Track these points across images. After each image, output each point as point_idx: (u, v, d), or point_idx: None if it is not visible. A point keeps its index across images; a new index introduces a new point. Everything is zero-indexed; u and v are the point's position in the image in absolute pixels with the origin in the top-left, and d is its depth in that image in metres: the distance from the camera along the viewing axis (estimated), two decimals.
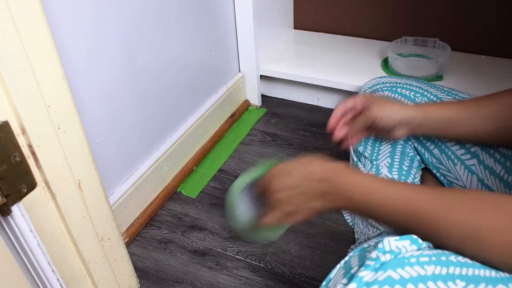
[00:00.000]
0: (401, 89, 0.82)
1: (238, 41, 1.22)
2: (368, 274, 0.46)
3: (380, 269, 0.46)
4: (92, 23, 0.74)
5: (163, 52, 0.94)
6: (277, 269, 0.84)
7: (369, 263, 0.47)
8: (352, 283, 0.45)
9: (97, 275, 0.69)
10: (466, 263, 0.46)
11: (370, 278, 0.45)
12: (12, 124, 0.48)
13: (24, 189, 0.50)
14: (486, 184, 0.71)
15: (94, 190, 0.64)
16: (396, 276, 0.45)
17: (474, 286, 0.44)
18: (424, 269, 0.45)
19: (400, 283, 0.44)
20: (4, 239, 0.51)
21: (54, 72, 0.53)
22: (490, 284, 0.44)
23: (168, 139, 1.02)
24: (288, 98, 1.36)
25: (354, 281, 0.45)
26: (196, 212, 0.98)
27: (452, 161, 0.76)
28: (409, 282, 0.44)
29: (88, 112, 0.77)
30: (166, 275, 0.85)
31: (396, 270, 0.45)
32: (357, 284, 0.45)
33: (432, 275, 0.45)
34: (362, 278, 0.45)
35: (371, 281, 0.45)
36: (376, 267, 0.46)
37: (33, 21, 0.49)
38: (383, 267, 0.46)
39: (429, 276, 0.45)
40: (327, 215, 0.94)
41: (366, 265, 0.47)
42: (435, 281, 0.44)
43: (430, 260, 0.46)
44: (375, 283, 0.44)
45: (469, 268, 0.46)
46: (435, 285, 0.44)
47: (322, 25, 1.44)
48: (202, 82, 1.11)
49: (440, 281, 0.44)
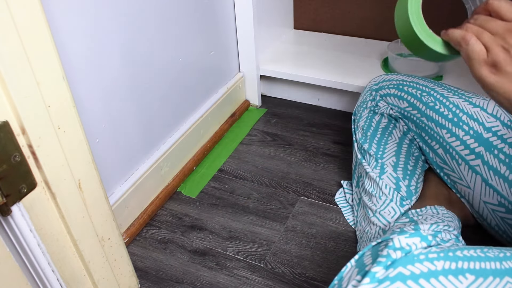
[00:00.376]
0: (407, 87, 0.82)
1: (238, 41, 1.22)
2: (380, 270, 0.46)
3: (391, 267, 0.47)
4: (92, 23, 0.74)
5: (163, 52, 0.94)
6: (277, 269, 0.84)
7: (380, 260, 0.48)
8: (365, 278, 0.46)
9: (97, 275, 0.69)
10: (472, 257, 0.47)
11: (382, 275, 0.46)
12: (12, 124, 0.48)
13: (24, 189, 0.50)
14: (491, 184, 0.72)
15: (94, 190, 0.64)
16: (407, 272, 0.46)
17: (483, 279, 0.45)
18: (434, 265, 0.46)
19: (412, 279, 0.45)
20: (4, 239, 0.51)
21: (54, 72, 0.53)
22: (497, 277, 0.45)
23: (168, 139, 1.02)
24: (288, 98, 1.36)
25: (368, 276, 0.46)
26: (196, 212, 0.98)
27: (456, 161, 0.76)
28: (421, 277, 0.45)
29: (88, 112, 0.77)
30: (166, 275, 0.85)
31: (406, 267, 0.46)
32: (370, 279, 0.46)
33: (442, 269, 0.46)
34: (375, 274, 0.46)
35: (382, 278, 0.45)
36: (388, 264, 0.47)
37: (33, 21, 0.49)
38: (394, 264, 0.47)
39: (439, 271, 0.45)
40: (327, 215, 0.94)
41: (378, 261, 0.47)
42: (446, 276, 0.45)
43: (439, 256, 0.47)
44: (387, 279, 0.45)
45: (476, 262, 0.46)
46: (447, 279, 0.45)
47: (322, 25, 1.44)
48: (202, 82, 1.11)
49: (451, 275, 0.45)
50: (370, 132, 0.86)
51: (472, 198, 0.76)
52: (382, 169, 0.82)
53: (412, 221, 0.75)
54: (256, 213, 0.97)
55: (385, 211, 0.81)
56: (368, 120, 0.87)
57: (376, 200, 0.82)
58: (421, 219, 0.73)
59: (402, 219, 0.78)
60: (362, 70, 1.21)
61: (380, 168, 0.82)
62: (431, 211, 0.76)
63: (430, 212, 0.76)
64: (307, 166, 1.09)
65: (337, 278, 0.52)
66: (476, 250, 0.48)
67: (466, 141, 0.73)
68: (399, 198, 0.80)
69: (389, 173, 0.81)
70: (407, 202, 0.80)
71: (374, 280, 0.45)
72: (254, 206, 0.99)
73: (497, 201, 0.72)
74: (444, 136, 0.76)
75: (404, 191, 0.80)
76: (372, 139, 0.84)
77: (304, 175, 1.06)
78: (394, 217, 0.80)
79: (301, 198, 1.00)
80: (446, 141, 0.76)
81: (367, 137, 0.85)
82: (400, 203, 0.80)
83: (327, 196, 1.00)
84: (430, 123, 0.78)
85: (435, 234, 0.56)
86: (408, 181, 0.81)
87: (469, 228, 0.84)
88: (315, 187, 1.02)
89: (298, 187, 1.03)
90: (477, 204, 0.76)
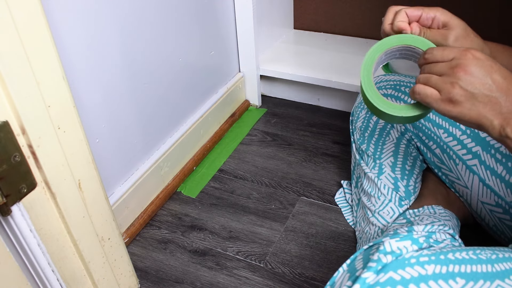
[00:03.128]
0: (404, 87, 0.82)
1: (238, 41, 1.22)
2: (371, 275, 0.46)
3: (382, 271, 0.46)
4: (92, 23, 0.74)
5: (163, 52, 0.94)
6: (277, 269, 0.85)
7: (371, 265, 0.47)
8: (356, 284, 0.46)
9: (97, 275, 0.69)
10: (463, 260, 0.47)
11: (372, 280, 0.46)
12: (12, 124, 0.48)
13: (24, 189, 0.50)
14: (488, 184, 0.72)
15: (94, 190, 0.64)
16: (397, 277, 0.45)
17: (474, 283, 0.45)
18: (424, 269, 0.46)
19: (402, 284, 0.45)
20: (4, 239, 0.51)
21: (54, 72, 0.53)
22: (488, 281, 0.45)
23: (168, 139, 1.02)
24: (288, 98, 1.36)
25: (358, 282, 0.46)
26: (196, 212, 0.98)
27: (453, 161, 0.76)
28: (410, 283, 0.45)
29: (88, 112, 0.77)
30: (166, 275, 0.85)
31: (397, 271, 0.46)
32: (360, 285, 0.45)
33: (433, 274, 0.45)
34: (365, 279, 0.46)
35: (373, 283, 0.45)
36: (378, 269, 0.47)
37: (33, 21, 0.49)
38: (385, 269, 0.46)
39: (429, 275, 0.45)
40: (327, 215, 0.94)
41: (369, 266, 0.47)
42: (436, 280, 0.45)
43: (430, 260, 0.47)
44: (377, 284, 0.45)
45: (467, 265, 0.46)
46: (437, 284, 0.45)
47: (322, 25, 1.44)
48: (202, 82, 1.11)
49: (441, 279, 0.45)
50: (367, 132, 0.86)
51: (470, 198, 0.76)
52: (380, 169, 0.82)
53: (408, 222, 0.75)
54: (256, 213, 0.97)
55: (384, 211, 0.81)
56: (365, 120, 0.87)
57: (375, 201, 0.82)
58: (418, 220, 0.73)
59: (399, 220, 0.78)
60: None
61: (378, 169, 0.82)
62: (428, 211, 0.76)
63: (427, 212, 0.76)
64: (307, 166, 1.09)
65: (329, 284, 0.52)
66: (469, 252, 0.48)
67: (463, 141, 0.73)
68: (397, 198, 0.80)
69: (387, 174, 0.81)
70: (405, 202, 0.80)
71: (364, 286, 0.45)
72: (254, 206, 0.99)
73: (494, 202, 0.72)
74: (441, 135, 0.76)
75: (402, 191, 0.80)
76: (370, 139, 0.84)
77: (304, 175, 1.06)
78: (393, 217, 0.80)
79: (301, 198, 1.00)
80: (443, 141, 0.76)
81: (365, 137, 0.86)
82: (399, 203, 0.80)
83: (327, 196, 1.00)
84: (427, 123, 0.78)
85: (429, 235, 0.56)
86: (406, 181, 0.81)
87: (468, 227, 0.84)
88: (315, 187, 1.02)
89: (298, 187, 1.03)
90: (475, 204, 0.76)
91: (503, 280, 0.45)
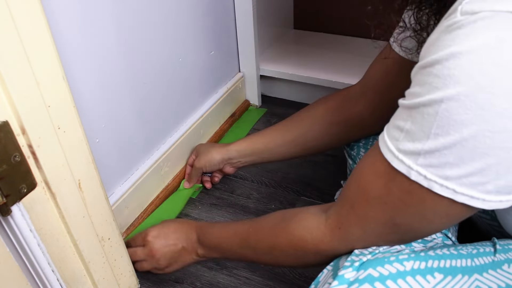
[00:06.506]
0: None
1: (238, 41, 1.22)
2: (350, 273, 0.47)
3: (361, 268, 0.47)
4: (92, 23, 0.74)
5: (163, 52, 0.94)
6: (277, 269, 0.84)
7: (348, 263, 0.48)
8: (334, 281, 0.46)
9: (97, 275, 0.69)
10: (444, 255, 0.47)
11: (352, 277, 0.47)
12: (12, 124, 0.48)
13: (24, 189, 0.50)
14: None
15: (94, 190, 0.64)
16: (376, 274, 0.46)
17: (452, 277, 0.45)
18: (403, 265, 0.46)
19: (379, 280, 0.45)
20: (4, 239, 0.51)
21: (54, 72, 0.53)
22: (466, 275, 0.46)
23: (168, 139, 1.02)
24: (288, 98, 1.36)
25: (337, 279, 0.47)
26: (196, 212, 0.98)
27: None
28: (388, 279, 0.45)
29: (88, 112, 0.77)
30: (166, 275, 0.85)
31: (376, 269, 0.47)
32: (338, 282, 0.46)
33: (411, 270, 0.46)
34: (343, 275, 0.47)
35: (353, 280, 0.46)
36: (357, 266, 0.48)
37: (33, 21, 0.49)
38: (364, 266, 0.47)
39: (408, 271, 0.46)
40: None
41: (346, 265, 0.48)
42: (413, 276, 0.45)
43: (409, 257, 0.47)
44: (356, 281, 0.46)
45: (447, 260, 0.47)
46: (414, 279, 0.45)
47: (322, 25, 1.44)
48: (202, 82, 1.11)
49: (418, 275, 0.46)
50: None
51: None
52: None
53: None
54: (256, 213, 0.97)
55: None
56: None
57: None
58: None
59: None
60: (362, 70, 1.21)
61: None
62: None
63: None
64: (307, 166, 1.09)
65: (314, 283, 0.52)
66: (450, 248, 0.48)
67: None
68: None
69: None
70: None
71: (343, 282, 0.46)
72: (254, 206, 0.99)
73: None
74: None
75: None
76: (359, 144, 0.84)
77: (304, 175, 1.06)
78: None
79: (301, 198, 1.00)
80: None
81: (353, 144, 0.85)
82: None
83: (327, 196, 1.00)
84: None
85: None
86: None
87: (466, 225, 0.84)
88: (315, 187, 1.02)
89: (298, 187, 1.03)
90: None
91: (481, 274, 0.45)
